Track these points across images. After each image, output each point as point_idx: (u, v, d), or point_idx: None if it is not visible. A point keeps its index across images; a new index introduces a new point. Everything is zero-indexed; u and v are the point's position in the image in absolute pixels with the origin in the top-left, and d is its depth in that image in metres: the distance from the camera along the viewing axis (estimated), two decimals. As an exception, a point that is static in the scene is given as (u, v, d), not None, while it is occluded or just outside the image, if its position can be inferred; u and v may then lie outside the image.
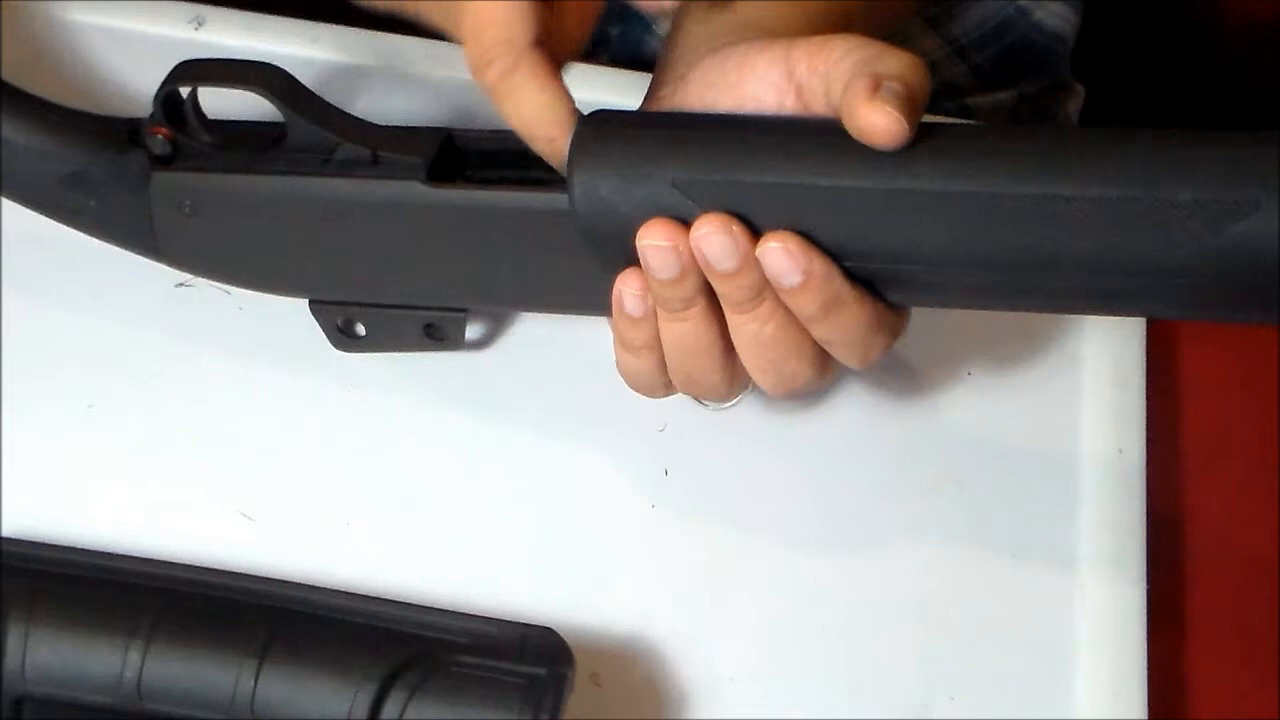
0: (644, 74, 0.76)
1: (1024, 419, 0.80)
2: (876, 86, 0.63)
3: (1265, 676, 0.75)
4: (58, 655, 0.67)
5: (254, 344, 0.82)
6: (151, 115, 0.76)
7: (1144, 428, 0.80)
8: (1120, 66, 1.27)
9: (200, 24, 0.94)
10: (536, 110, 0.69)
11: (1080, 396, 0.81)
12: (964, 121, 0.64)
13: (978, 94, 1.12)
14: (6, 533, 0.74)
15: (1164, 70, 1.32)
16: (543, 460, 0.79)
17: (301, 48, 0.93)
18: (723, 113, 0.69)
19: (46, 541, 0.72)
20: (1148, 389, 0.81)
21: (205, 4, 0.95)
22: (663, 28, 1.06)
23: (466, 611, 0.69)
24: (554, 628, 0.68)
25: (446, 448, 0.80)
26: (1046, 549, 0.76)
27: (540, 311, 0.79)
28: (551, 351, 0.82)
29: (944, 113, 1.10)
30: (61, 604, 0.68)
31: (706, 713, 0.72)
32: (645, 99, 0.75)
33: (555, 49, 0.71)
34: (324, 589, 0.70)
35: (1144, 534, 0.76)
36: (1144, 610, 0.74)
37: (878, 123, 0.63)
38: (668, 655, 0.73)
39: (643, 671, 0.72)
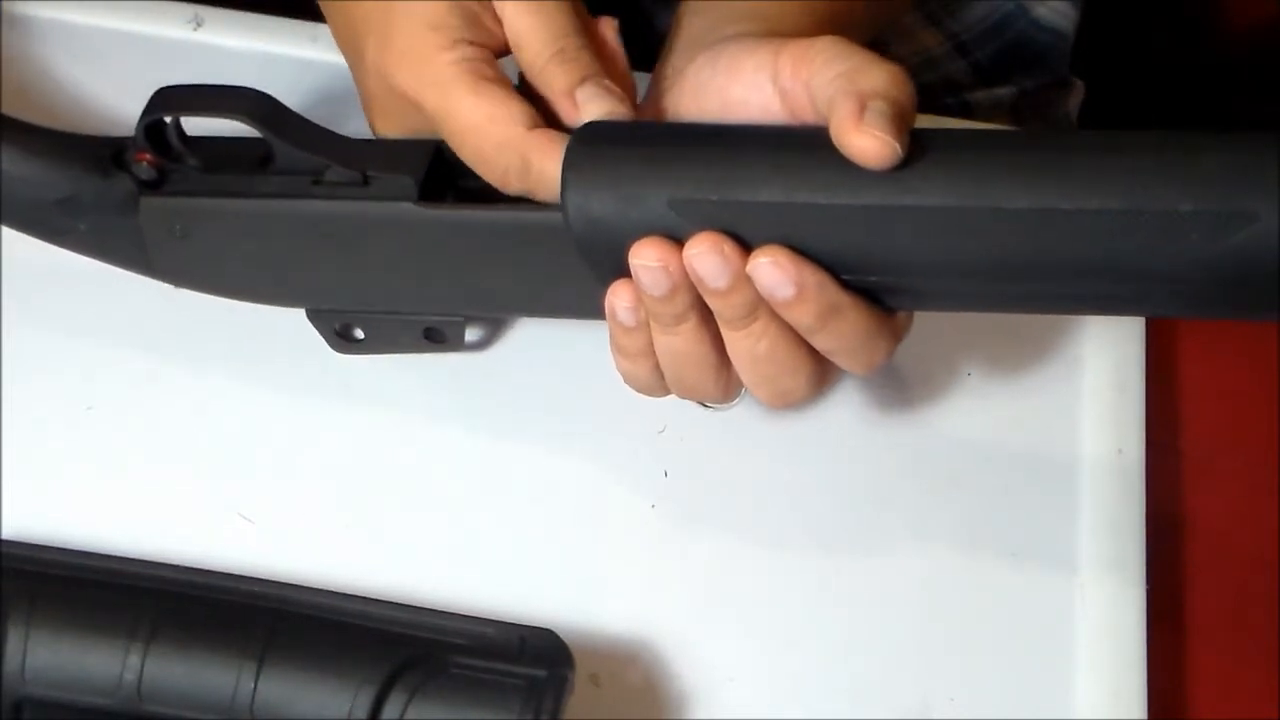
0: (642, 73, 0.76)
1: (1024, 420, 0.80)
2: (862, 109, 0.63)
3: (1265, 676, 0.75)
4: (57, 657, 0.67)
5: (253, 346, 0.82)
6: (135, 141, 0.76)
7: (1144, 428, 0.80)
8: (1121, 63, 1.27)
9: (199, 24, 0.94)
10: None
11: (1080, 397, 0.81)
12: (957, 127, 0.64)
13: (978, 90, 1.12)
14: (6, 534, 0.74)
15: (1164, 67, 1.32)
16: (542, 462, 0.79)
17: (300, 48, 0.93)
18: (715, 125, 0.69)
19: (46, 543, 0.72)
20: (1147, 390, 0.81)
21: (204, 4, 0.95)
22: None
23: (466, 613, 0.69)
24: (554, 629, 0.68)
25: (446, 449, 0.80)
26: (1046, 550, 0.76)
27: (540, 317, 0.79)
28: (551, 353, 0.81)
29: (944, 108, 1.10)
30: (61, 606, 0.68)
31: (706, 713, 0.72)
32: (649, 89, 0.75)
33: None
34: (323, 590, 0.70)
35: (1144, 535, 0.76)
36: (1144, 611, 0.74)
37: (868, 147, 0.63)
38: (667, 656, 0.73)
39: (642, 672, 0.72)
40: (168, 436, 0.80)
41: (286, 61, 0.77)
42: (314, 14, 0.84)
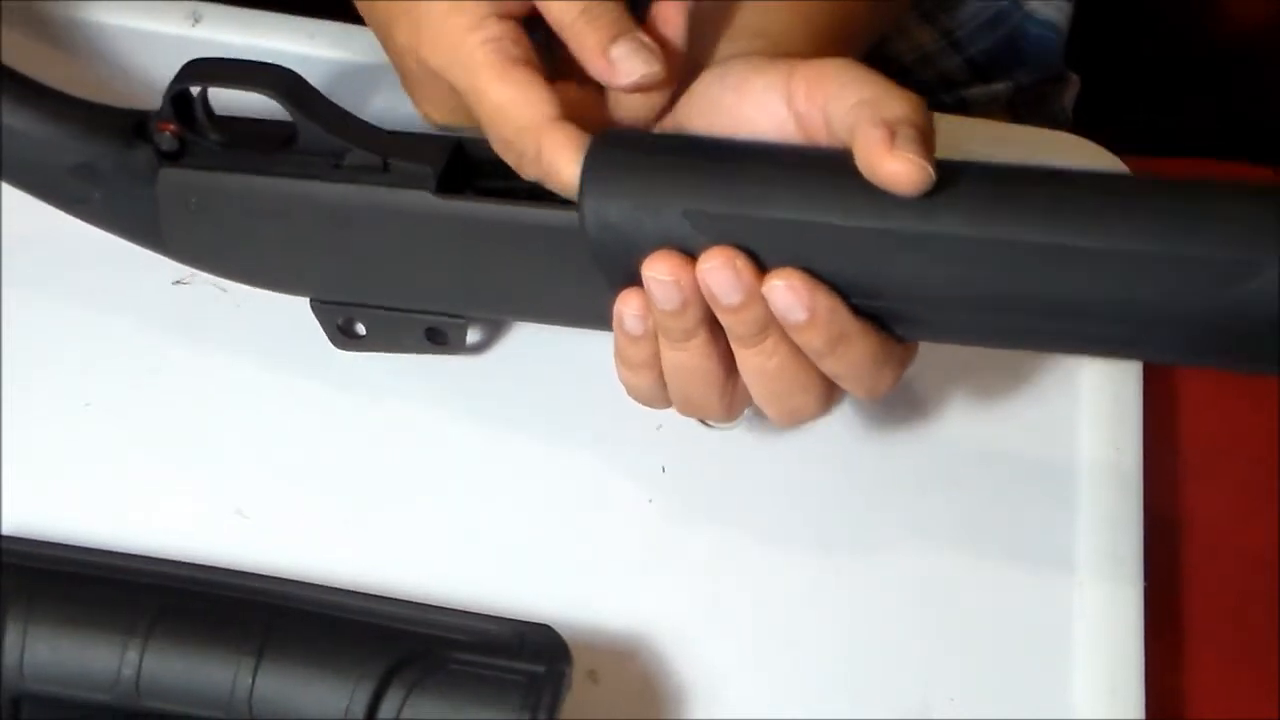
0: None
1: (1022, 420, 0.80)
2: (893, 135, 0.63)
3: (1264, 676, 0.75)
4: (56, 653, 0.67)
5: (252, 341, 0.82)
6: (160, 111, 0.76)
7: (1141, 428, 0.80)
8: (1115, 57, 1.27)
9: (197, 20, 0.94)
10: (575, 170, 0.69)
11: (1079, 398, 0.81)
12: (974, 163, 0.65)
13: (973, 86, 1.12)
14: (5, 530, 0.74)
15: (1159, 61, 1.32)
16: (540, 458, 0.79)
17: (299, 44, 0.93)
18: (735, 140, 0.69)
19: (44, 539, 0.72)
20: (1145, 390, 0.81)
21: (202, 0, 0.95)
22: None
23: (464, 609, 0.69)
24: (552, 625, 0.68)
25: (444, 445, 0.80)
26: (1045, 550, 0.76)
27: (543, 323, 0.79)
28: (550, 350, 0.81)
29: (939, 105, 1.10)
30: (59, 602, 0.68)
31: (704, 711, 0.72)
32: None
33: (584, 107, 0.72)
34: (321, 586, 0.70)
35: (1142, 535, 0.76)
36: (1142, 610, 0.74)
37: (902, 172, 0.63)
38: (665, 653, 0.73)
39: (640, 669, 0.72)
40: (166, 432, 0.80)
41: (284, 58, 0.76)
42: (312, 10, 0.84)
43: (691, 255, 0.67)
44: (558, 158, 0.69)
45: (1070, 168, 0.67)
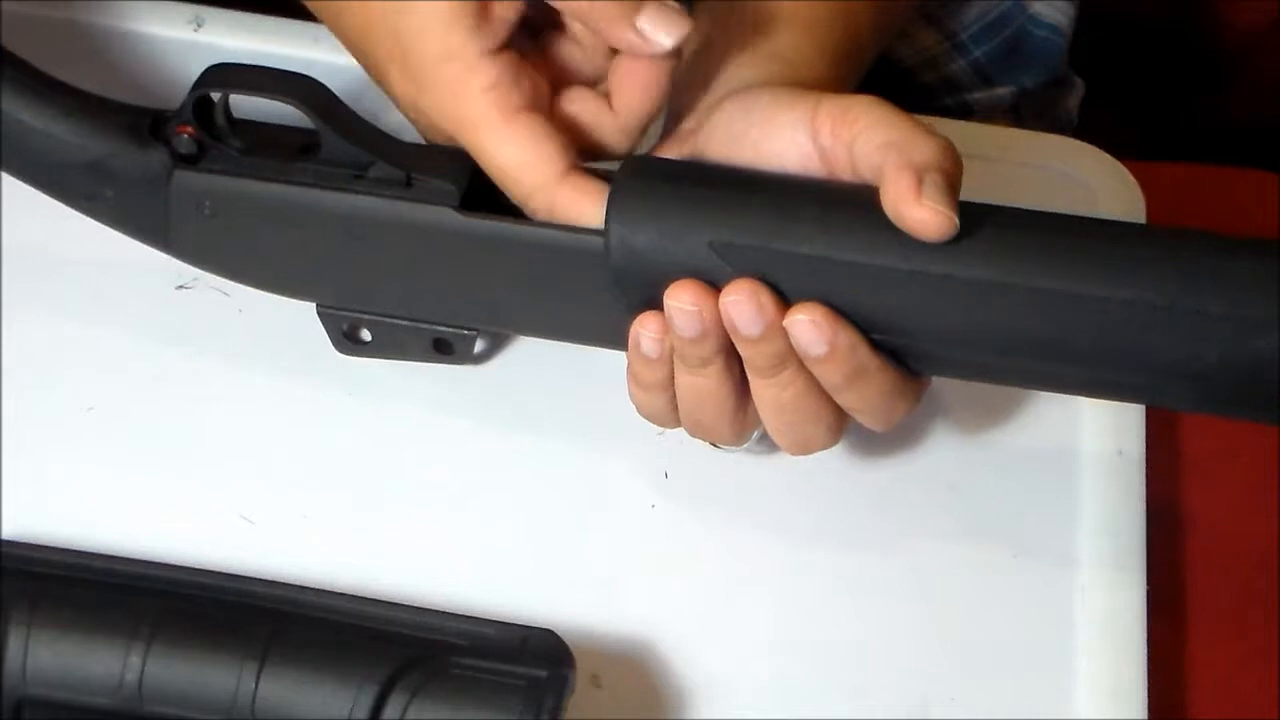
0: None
1: (1024, 420, 0.80)
2: (920, 181, 0.64)
3: (1265, 676, 0.75)
4: (58, 657, 0.67)
5: (254, 346, 0.82)
6: (180, 113, 0.75)
7: (1144, 428, 0.80)
8: (1116, 61, 1.27)
9: (200, 25, 0.94)
10: (592, 219, 0.70)
11: (1081, 397, 0.80)
12: (999, 206, 0.65)
13: (977, 89, 1.12)
14: (7, 535, 0.74)
15: (1160, 64, 1.32)
16: (544, 462, 0.79)
17: (302, 48, 0.92)
18: (762, 172, 0.69)
19: (47, 544, 0.72)
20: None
21: (204, 5, 0.95)
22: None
23: (467, 613, 0.70)
24: (554, 629, 0.68)
25: (447, 449, 0.80)
26: (1047, 549, 0.76)
27: (557, 340, 0.78)
28: (553, 354, 0.81)
29: (943, 109, 1.10)
30: (62, 606, 0.68)
31: (707, 713, 0.72)
32: (666, 123, 0.75)
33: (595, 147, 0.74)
34: (324, 591, 0.70)
35: (1144, 535, 0.76)
36: (1144, 610, 0.74)
37: (928, 220, 0.64)
38: (668, 657, 0.73)
39: (643, 673, 0.72)
40: (169, 437, 0.80)
41: (287, 62, 0.76)
42: (314, 15, 0.84)
43: (714, 284, 0.67)
44: (572, 211, 0.70)
45: (1092, 216, 0.68)
